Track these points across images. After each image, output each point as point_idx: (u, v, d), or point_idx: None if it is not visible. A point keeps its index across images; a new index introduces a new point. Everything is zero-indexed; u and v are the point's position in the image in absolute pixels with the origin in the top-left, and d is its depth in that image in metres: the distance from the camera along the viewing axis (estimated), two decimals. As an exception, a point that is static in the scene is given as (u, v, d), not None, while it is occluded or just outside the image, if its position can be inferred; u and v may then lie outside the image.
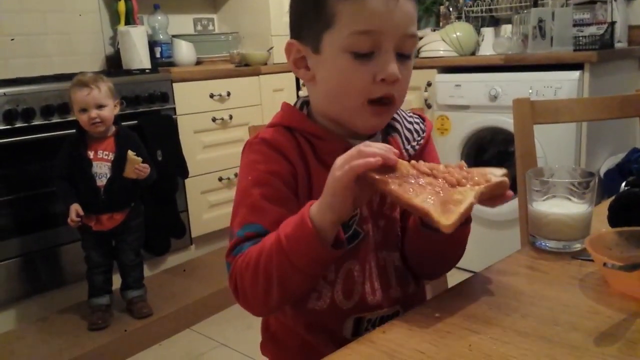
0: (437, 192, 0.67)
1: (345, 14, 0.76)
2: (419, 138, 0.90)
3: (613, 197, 0.87)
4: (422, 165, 0.71)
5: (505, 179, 0.71)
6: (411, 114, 0.93)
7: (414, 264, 0.88)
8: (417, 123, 0.92)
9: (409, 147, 0.88)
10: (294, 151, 0.82)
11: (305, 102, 0.89)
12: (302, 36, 0.82)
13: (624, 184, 0.87)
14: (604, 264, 0.68)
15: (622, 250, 0.76)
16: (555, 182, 0.86)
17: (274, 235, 0.73)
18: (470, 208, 0.67)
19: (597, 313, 0.67)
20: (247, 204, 0.79)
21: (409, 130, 0.90)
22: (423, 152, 0.91)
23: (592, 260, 0.76)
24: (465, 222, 0.76)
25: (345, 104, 0.80)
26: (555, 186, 0.85)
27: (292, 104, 0.90)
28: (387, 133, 0.89)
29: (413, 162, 0.71)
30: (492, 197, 0.71)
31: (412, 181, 0.68)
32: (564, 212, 0.82)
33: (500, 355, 0.59)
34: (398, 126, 0.89)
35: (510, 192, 0.72)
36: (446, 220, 0.64)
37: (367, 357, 0.61)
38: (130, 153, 2.11)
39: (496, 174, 0.70)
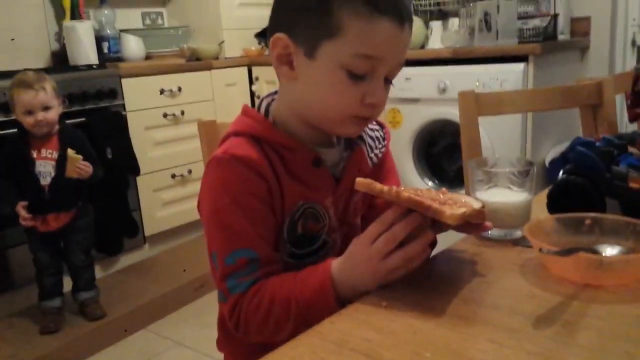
0: (431, 197, 0.73)
1: (353, 31, 0.74)
2: (381, 146, 0.93)
3: (551, 185, 0.91)
4: (406, 190, 0.73)
5: (482, 209, 0.75)
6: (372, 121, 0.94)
7: None
8: (377, 130, 0.94)
9: (372, 155, 0.91)
10: (266, 167, 0.79)
11: (269, 107, 0.86)
12: (295, 34, 0.77)
13: (561, 172, 0.91)
14: (540, 250, 0.70)
15: (560, 236, 0.79)
16: (497, 172, 0.89)
17: (290, 290, 0.75)
18: (465, 215, 0.70)
19: (536, 296, 0.69)
20: (229, 227, 0.78)
21: (371, 138, 0.92)
22: (384, 158, 0.93)
23: (531, 247, 0.79)
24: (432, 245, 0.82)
25: (326, 114, 0.80)
26: (496, 175, 0.88)
27: (255, 107, 0.87)
28: (351, 141, 0.89)
29: (396, 189, 0.73)
30: (471, 224, 0.75)
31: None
32: (504, 201, 0.85)
33: (444, 339, 0.60)
34: (363, 135, 0.90)
35: (489, 224, 0.77)
36: (452, 210, 0.69)
37: (316, 347, 0.62)
38: (70, 152, 2.05)
39: (475, 204, 0.74)
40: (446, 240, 0.86)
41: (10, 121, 2.18)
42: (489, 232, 0.87)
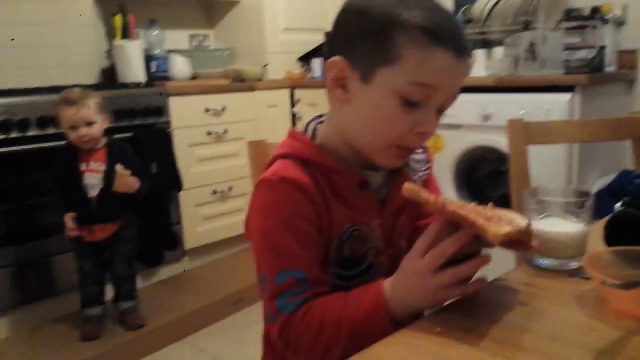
0: (480, 211, 0.73)
1: (411, 60, 0.74)
2: (424, 168, 0.93)
3: (609, 217, 0.90)
4: (453, 203, 0.73)
5: (530, 228, 0.74)
6: None
7: None
8: (420, 153, 0.95)
9: (416, 177, 0.91)
10: (313, 189, 0.80)
11: (315, 130, 0.87)
12: (352, 58, 0.78)
13: (619, 203, 0.90)
14: (602, 282, 0.70)
15: (619, 269, 0.78)
16: (552, 201, 0.88)
17: (341, 312, 0.75)
18: (511, 234, 0.68)
19: (596, 330, 0.68)
20: (279, 249, 0.78)
21: (415, 161, 0.93)
22: (427, 181, 0.94)
23: (589, 279, 0.78)
24: None
25: (374, 140, 0.80)
26: (551, 205, 0.88)
27: (302, 130, 0.88)
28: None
29: (443, 200, 0.73)
30: (516, 242, 0.74)
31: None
32: (560, 231, 0.85)
33: (503, 369, 0.60)
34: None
35: (536, 243, 0.76)
36: (497, 229, 0.68)
37: (370, 370, 0.63)
38: (119, 167, 2.10)
39: (521, 221, 0.73)
40: (500, 268, 0.86)
41: (62, 133, 2.26)
42: (544, 261, 0.86)
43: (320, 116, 0.91)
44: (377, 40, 0.75)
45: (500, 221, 0.71)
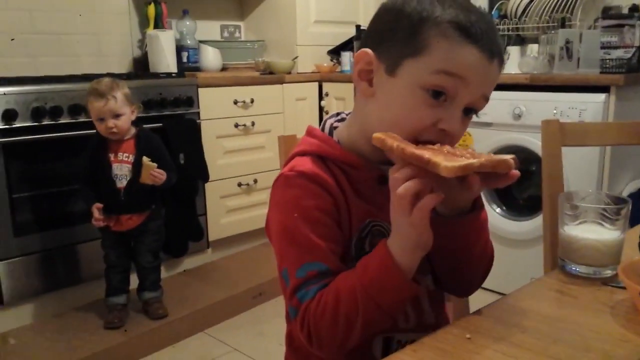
0: (444, 152, 0.70)
1: (438, 50, 0.73)
2: None
3: (645, 225, 0.87)
4: (413, 146, 0.71)
5: (510, 159, 0.71)
6: None
7: (447, 276, 0.87)
8: None
9: None
10: (332, 183, 0.80)
11: (333, 127, 0.87)
12: (380, 51, 0.78)
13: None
14: (639, 293, 0.68)
15: (655, 279, 0.75)
16: (588, 207, 0.86)
17: (351, 280, 0.74)
18: (472, 167, 0.67)
19: (629, 341, 0.66)
20: (299, 243, 0.77)
21: None
22: None
23: (623, 288, 0.76)
24: (477, 207, 0.80)
25: (394, 132, 0.79)
26: (587, 211, 0.85)
27: (319, 127, 0.88)
28: None
29: (402, 145, 0.71)
30: (496, 175, 0.72)
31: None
32: (595, 238, 0.82)
33: (533, 379, 0.59)
34: None
35: (515, 172, 0.72)
36: (447, 162, 0.65)
37: (398, 374, 0.62)
38: (145, 159, 2.11)
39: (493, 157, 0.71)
40: (522, 271, 0.84)
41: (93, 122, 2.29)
42: (577, 268, 0.84)
43: (338, 114, 0.90)
44: (407, 33, 0.75)
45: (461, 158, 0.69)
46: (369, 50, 0.79)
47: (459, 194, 0.75)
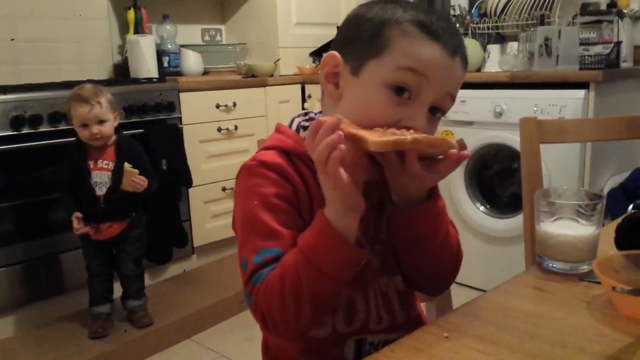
0: (380, 131, 0.71)
1: (399, 48, 0.75)
2: None
3: (620, 219, 0.88)
4: (353, 126, 0.72)
5: (449, 140, 0.72)
6: None
7: (412, 272, 0.86)
8: None
9: None
10: (293, 173, 0.80)
11: (302, 127, 0.87)
12: (345, 53, 0.80)
13: (631, 206, 0.87)
14: (613, 288, 0.68)
15: (630, 274, 0.76)
16: (563, 204, 0.86)
17: (294, 252, 0.73)
18: (401, 142, 0.68)
19: (605, 336, 0.67)
20: (258, 229, 0.78)
21: None
22: None
23: (599, 283, 0.76)
24: (432, 195, 0.80)
25: None
26: (562, 207, 0.85)
27: (287, 124, 0.88)
28: None
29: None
30: (434, 155, 0.73)
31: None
32: (571, 234, 0.82)
33: (509, 377, 0.59)
34: None
35: (464, 153, 0.73)
36: (374, 137, 0.66)
37: (375, 375, 0.61)
38: (127, 166, 2.09)
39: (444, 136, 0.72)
40: (509, 271, 0.84)
41: (73, 130, 2.26)
42: (554, 264, 0.84)
43: (307, 114, 0.90)
44: (370, 35, 0.77)
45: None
46: (335, 53, 0.80)
47: (407, 181, 0.76)
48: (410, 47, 0.74)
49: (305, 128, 0.87)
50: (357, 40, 0.79)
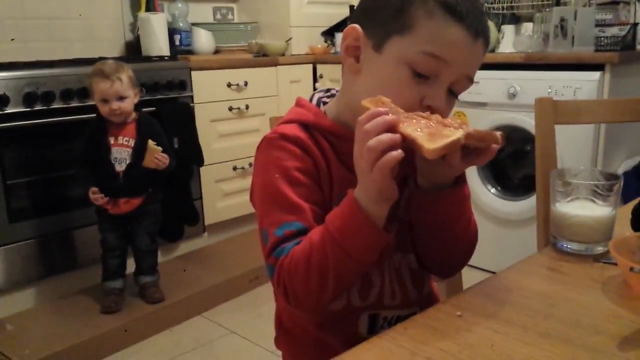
0: (428, 126, 0.69)
1: (424, 30, 0.74)
2: None
3: (637, 201, 0.87)
4: (411, 117, 0.71)
5: (496, 133, 0.72)
6: None
7: (428, 254, 0.87)
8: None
9: None
10: (313, 147, 0.81)
11: (322, 102, 0.87)
12: (368, 27, 0.79)
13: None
14: (631, 269, 0.67)
15: (646, 255, 0.75)
16: (579, 184, 0.86)
17: (321, 231, 0.73)
18: (456, 142, 0.66)
19: (620, 317, 0.66)
20: (279, 202, 0.78)
21: None
22: None
23: (614, 264, 0.76)
24: (459, 182, 0.79)
25: None
26: (579, 188, 0.85)
27: (308, 99, 0.88)
28: None
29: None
30: (479, 147, 0.72)
31: (406, 116, 0.70)
32: (587, 214, 0.82)
33: (523, 356, 0.59)
34: None
35: (495, 146, 0.72)
36: (430, 144, 0.65)
37: (388, 353, 0.62)
38: (151, 143, 2.11)
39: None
40: (523, 251, 0.84)
41: (86, 107, 2.27)
42: (569, 245, 0.84)
43: (328, 90, 0.90)
44: (394, 10, 0.76)
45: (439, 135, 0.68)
46: (357, 26, 0.79)
47: (440, 169, 0.75)
48: (435, 31, 0.74)
49: (325, 104, 0.87)
50: (380, 14, 0.77)
